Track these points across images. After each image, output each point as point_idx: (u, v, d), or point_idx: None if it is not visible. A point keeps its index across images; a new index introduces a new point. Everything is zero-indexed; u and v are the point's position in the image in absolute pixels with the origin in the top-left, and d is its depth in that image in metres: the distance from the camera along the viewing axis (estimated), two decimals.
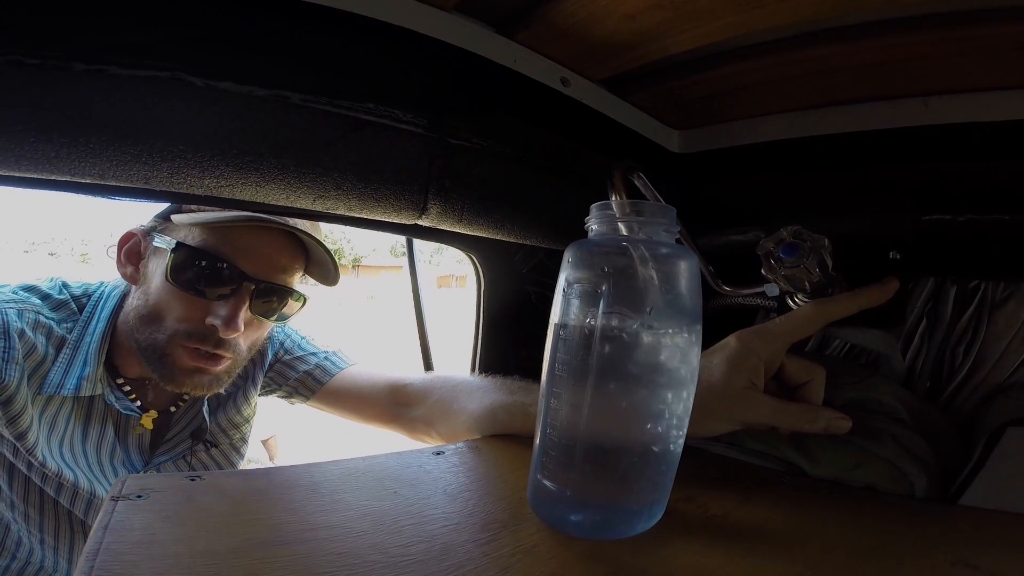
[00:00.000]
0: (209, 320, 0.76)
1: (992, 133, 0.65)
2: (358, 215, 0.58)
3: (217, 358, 0.79)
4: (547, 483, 0.42)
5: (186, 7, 0.48)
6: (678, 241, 0.43)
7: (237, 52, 0.50)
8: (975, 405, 0.66)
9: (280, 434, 2.74)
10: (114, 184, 0.55)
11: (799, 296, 0.59)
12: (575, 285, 0.41)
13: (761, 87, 0.71)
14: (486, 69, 0.63)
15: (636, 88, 0.74)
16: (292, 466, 0.52)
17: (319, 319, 0.93)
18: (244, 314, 0.77)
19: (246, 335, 0.81)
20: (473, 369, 0.94)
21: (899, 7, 0.57)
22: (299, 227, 0.79)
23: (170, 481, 0.48)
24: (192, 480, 0.46)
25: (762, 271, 0.56)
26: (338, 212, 0.57)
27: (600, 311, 0.39)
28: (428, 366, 1.10)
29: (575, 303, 0.41)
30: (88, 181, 0.54)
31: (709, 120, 0.80)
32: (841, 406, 0.63)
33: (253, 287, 0.78)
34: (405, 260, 1.18)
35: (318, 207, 0.55)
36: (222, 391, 0.87)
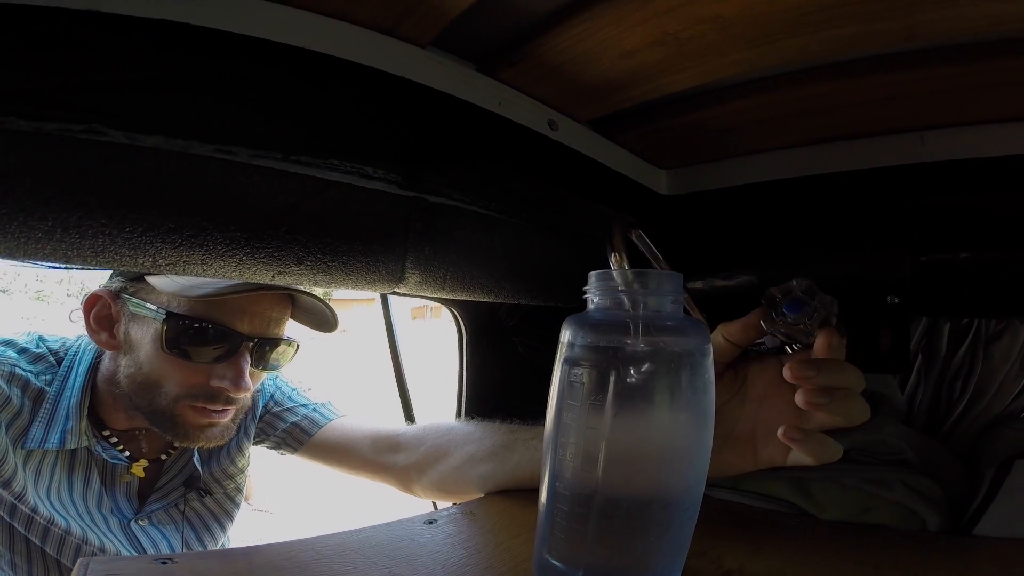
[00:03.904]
0: (215, 383, 0.73)
1: (990, 168, 0.60)
2: (326, 288, 0.47)
3: (225, 411, 0.76)
4: (556, 562, 0.38)
5: (103, 45, 0.37)
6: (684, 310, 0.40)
7: (168, 99, 0.38)
8: (975, 436, 0.64)
9: (255, 475, 2.56)
10: (27, 261, 0.43)
11: (796, 345, 0.53)
12: (577, 369, 0.37)
13: (755, 125, 0.63)
14: (467, 113, 0.53)
15: (623, 128, 0.65)
16: (273, 544, 0.46)
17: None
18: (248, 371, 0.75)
19: None
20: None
21: (914, 42, 0.50)
22: (293, 288, 0.75)
23: (138, 565, 0.42)
24: (163, 563, 0.40)
25: (760, 321, 0.49)
26: (302, 286, 0.46)
27: (609, 397, 0.35)
28: (409, 415, 1.01)
29: (578, 387, 0.36)
30: None
31: (699, 160, 0.72)
32: (847, 450, 0.61)
33: (252, 344, 0.75)
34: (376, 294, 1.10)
35: (279, 282, 0.44)
36: None
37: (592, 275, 0.39)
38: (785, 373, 0.42)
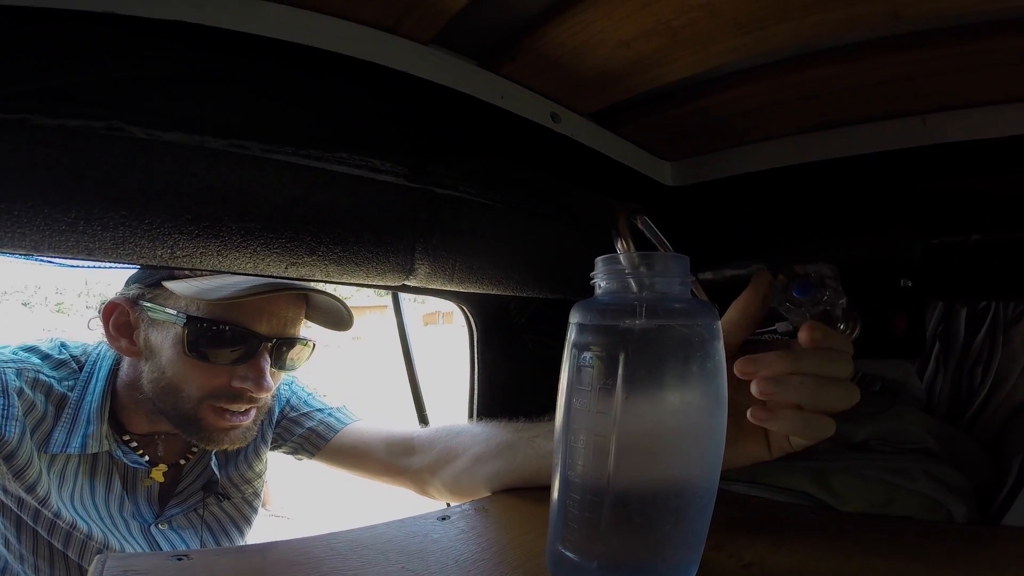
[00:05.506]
0: (236, 384, 0.74)
1: (995, 148, 0.60)
2: (337, 281, 0.49)
3: (247, 412, 0.77)
4: (570, 554, 0.37)
5: (122, 44, 0.39)
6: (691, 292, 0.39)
7: (185, 96, 0.40)
8: (1000, 424, 0.62)
9: (272, 481, 2.59)
10: (51, 256, 0.45)
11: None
12: (586, 353, 0.36)
13: (758, 112, 0.64)
14: (470, 107, 0.54)
15: (626, 120, 0.66)
16: (287, 541, 0.46)
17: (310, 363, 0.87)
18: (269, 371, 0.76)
19: None
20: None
21: (902, 23, 0.51)
22: (310, 287, 0.77)
23: (154, 561, 0.43)
24: (179, 560, 0.41)
25: (788, 321, 0.48)
26: (315, 278, 0.47)
27: (619, 380, 0.35)
28: (423, 419, 1.02)
29: (587, 372, 0.36)
30: (20, 253, 0.44)
31: (703, 150, 0.73)
32: (865, 440, 0.59)
33: (271, 345, 0.76)
34: (389, 299, 1.14)
35: (291, 274, 0.45)
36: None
37: (599, 260, 0.38)
38: (735, 368, 0.40)
